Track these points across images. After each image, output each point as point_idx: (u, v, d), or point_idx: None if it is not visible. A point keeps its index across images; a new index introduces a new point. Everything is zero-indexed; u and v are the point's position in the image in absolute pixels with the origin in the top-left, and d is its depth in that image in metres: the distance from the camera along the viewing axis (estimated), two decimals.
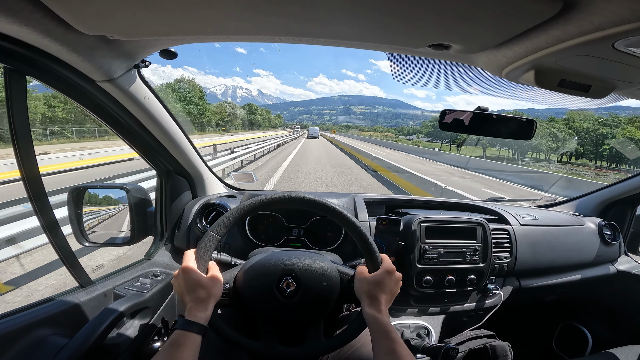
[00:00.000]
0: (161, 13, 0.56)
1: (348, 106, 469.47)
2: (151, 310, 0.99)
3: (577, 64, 0.58)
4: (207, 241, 0.74)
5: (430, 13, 0.50)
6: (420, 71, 0.88)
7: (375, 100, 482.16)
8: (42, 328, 0.75)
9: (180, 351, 0.59)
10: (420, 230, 1.18)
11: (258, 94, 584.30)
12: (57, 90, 0.78)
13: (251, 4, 0.52)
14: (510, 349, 1.19)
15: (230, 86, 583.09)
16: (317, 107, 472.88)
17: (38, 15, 0.54)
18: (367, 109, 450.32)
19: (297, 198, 0.79)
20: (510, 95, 1.01)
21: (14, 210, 2.93)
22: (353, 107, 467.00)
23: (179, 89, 62.21)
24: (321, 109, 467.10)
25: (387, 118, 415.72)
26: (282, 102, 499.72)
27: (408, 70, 0.89)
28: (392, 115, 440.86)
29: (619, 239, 1.53)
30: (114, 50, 0.73)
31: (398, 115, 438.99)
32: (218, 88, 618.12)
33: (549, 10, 0.44)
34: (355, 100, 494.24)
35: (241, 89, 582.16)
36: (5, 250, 2.54)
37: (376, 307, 0.70)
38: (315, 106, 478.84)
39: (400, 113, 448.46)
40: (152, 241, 1.27)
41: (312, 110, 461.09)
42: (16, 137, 0.70)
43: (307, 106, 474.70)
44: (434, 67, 0.85)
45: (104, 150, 12.86)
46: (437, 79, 0.93)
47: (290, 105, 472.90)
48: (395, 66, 0.88)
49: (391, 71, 0.92)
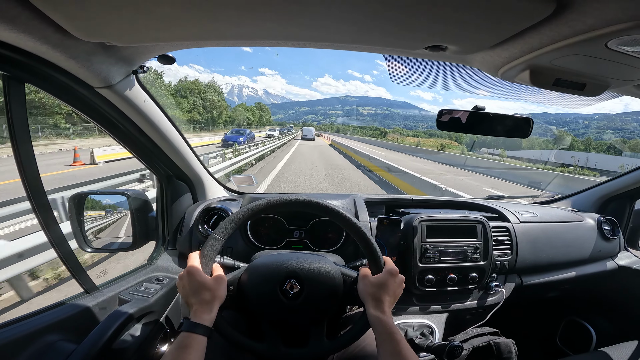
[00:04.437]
0: (158, 19, 0.57)
1: (355, 107, 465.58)
2: (156, 314, 1.00)
3: (572, 63, 0.58)
4: (211, 244, 0.75)
5: (426, 15, 0.51)
6: (419, 72, 0.89)
7: (382, 101, 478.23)
8: (50, 334, 0.76)
9: (187, 353, 0.60)
10: (421, 229, 1.18)
11: (264, 93, 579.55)
12: (56, 97, 0.78)
13: (248, 9, 0.52)
14: (514, 345, 1.20)
15: (236, 85, 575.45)
16: (323, 108, 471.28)
17: (35, 22, 0.55)
18: (374, 110, 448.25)
19: (301, 201, 0.80)
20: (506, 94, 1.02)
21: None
22: (360, 108, 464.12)
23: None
24: (327, 109, 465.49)
25: (396, 120, 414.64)
26: (288, 102, 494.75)
27: (406, 72, 0.90)
28: (400, 117, 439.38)
29: (619, 234, 1.54)
30: (112, 56, 0.73)
31: (407, 117, 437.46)
32: (225, 87, 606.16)
33: (542, 11, 0.45)
34: (362, 101, 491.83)
35: (247, 87, 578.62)
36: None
37: (380, 309, 0.70)
38: (321, 106, 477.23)
39: (409, 115, 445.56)
40: (154, 246, 1.28)
41: (318, 111, 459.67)
42: (16, 143, 0.70)
43: (313, 106, 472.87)
44: (433, 68, 0.86)
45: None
46: (435, 80, 0.94)
47: (295, 105, 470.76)
48: (393, 68, 0.89)
49: (389, 73, 0.93)
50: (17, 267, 2.43)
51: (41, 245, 2.56)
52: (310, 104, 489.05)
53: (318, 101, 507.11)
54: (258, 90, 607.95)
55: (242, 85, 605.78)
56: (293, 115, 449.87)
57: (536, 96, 1.05)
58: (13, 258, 2.40)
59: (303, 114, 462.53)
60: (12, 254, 2.39)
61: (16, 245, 2.45)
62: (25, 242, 2.50)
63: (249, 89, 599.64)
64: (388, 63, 0.85)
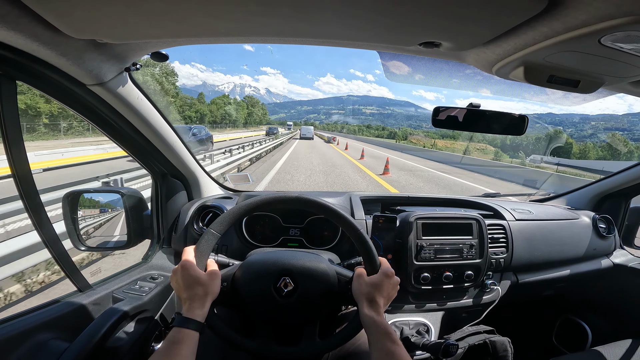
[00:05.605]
0: (150, 15, 0.56)
1: (357, 106, 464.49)
2: (151, 313, 0.99)
3: (565, 60, 0.58)
4: (206, 238, 0.74)
5: (419, 11, 0.50)
6: (416, 70, 0.89)
7: (385, 101, 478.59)
8: (42, 332, 0.75)
9: (178, 348, 0.60)
10: (417, 227, 1.18)
11: (266, 92, 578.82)
12: (47, 95, 0.77)
13: (241, 5, 0.52)
14: (510, 344, 1.20)
15: (238, 84, 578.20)
16: (325, 107, 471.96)
17: (26, 20, 0.54)
18: (377, 109, 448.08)
19: (298, 199, 0.80)
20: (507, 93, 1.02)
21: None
22: (362, 107, 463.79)
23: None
24: (329, 108, 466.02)
25: (399, 119, 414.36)
26: (290, 101, 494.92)
27: (402, 69, 0.89)
28: (403, 116, 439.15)
29: (614, 232, 1.55)
30: (103, 53, 0.72)
31: (410, 117, 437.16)
32: (226, 86, 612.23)
33: (535, 6, 0.45)
34: (365, 101, 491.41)
35: (249, 87, 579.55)
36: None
37: (375, 309, 0.70)
38: (323, 105, 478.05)
39: (412, 115, 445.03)
40: (149, 244, 1.27)
41: (320, 110, 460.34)
42: (8, 141, 0.70)
43: (315, 105, 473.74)
44: (429, 66, 0.85)
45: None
46: (432, 78, 0.94)
47: (297, 104, 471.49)
48: (389, 65, 0.89)
49: (385, 70, 0.92)
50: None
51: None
52: (312, 103, 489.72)
53: (320, 100, 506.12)
54: (260, 89, 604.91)
55: (244, 85, 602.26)
56: (295, 115, 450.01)
57: (539, 96, 1.05)
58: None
59: (305, 113, 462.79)
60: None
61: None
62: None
63: (251, 87, 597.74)
64: (383, 60, 0.84)
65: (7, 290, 2.68)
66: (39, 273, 2.91)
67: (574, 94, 0.74)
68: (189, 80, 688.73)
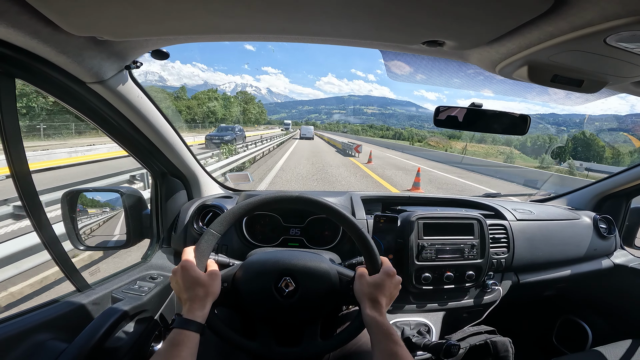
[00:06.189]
0: (151, 13, 0.55)
1: (359, 106, 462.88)
2: (150, 313, 0.99)
3: (570, 60, 0.58)
4: (206, 238, 0.73)
5: (424, 10, 0.50)
6: (419, 70, 0.88)
7: (386, 101, 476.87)
8: (40, 333, 0.74)
9: (178, 350, 0.59)
10: (418, 227, 1.18)
11: (267, 92, 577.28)
12: (47, 93, 0.76)
13: (242, 2, 0.51)
14: (511, 344, 1.20)
15: (239, 84, 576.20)
16: (327, 107, 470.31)
17: (25, 17, 0.53)
18: (378, 109, 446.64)
19: (298, 198, 0.79)
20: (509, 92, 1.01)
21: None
22: (364, 107, 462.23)
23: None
24: (330, 108, 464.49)
25: (400, 119, 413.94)
26: (291, 101, 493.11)
27: (405, 68, 0.89)
28: (405, 116, 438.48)
29: (615, 233, 1.55)
30: (103, 51, 0.72)
31: (412, 117, 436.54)
32: (228, 85, 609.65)
33: (541, 6, 0.44)
34: (366, 101, 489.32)
35: (250, 86, 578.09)
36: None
37: (376, 309, 0.70)
38: (325, 105, 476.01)
39: (414, 115, 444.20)
40: (148, 244, 1.26)
41: (321, 110, 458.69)
42: (6, 140, 0.69)
43: (316, 105, 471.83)
44: (432, 65, 0.85)
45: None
46: (435, 77, 0.93)
47: (299, 104, 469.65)
48: (391, 64, 0.88)
49: (387, 69, 0.92)
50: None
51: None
52: (313, 102, 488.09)
53: (321, 100, 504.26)
54: (261, 89, 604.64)
55: (245, 84, 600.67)
56: (296, 114, 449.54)
57: (541, 96, 1.04)
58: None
59: (306, 113, 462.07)
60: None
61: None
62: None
63: (253, 87, 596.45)
64: (385, 59, 0.84)
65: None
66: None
67: (577, 93, 0.73)
68: (191, 80, 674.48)
